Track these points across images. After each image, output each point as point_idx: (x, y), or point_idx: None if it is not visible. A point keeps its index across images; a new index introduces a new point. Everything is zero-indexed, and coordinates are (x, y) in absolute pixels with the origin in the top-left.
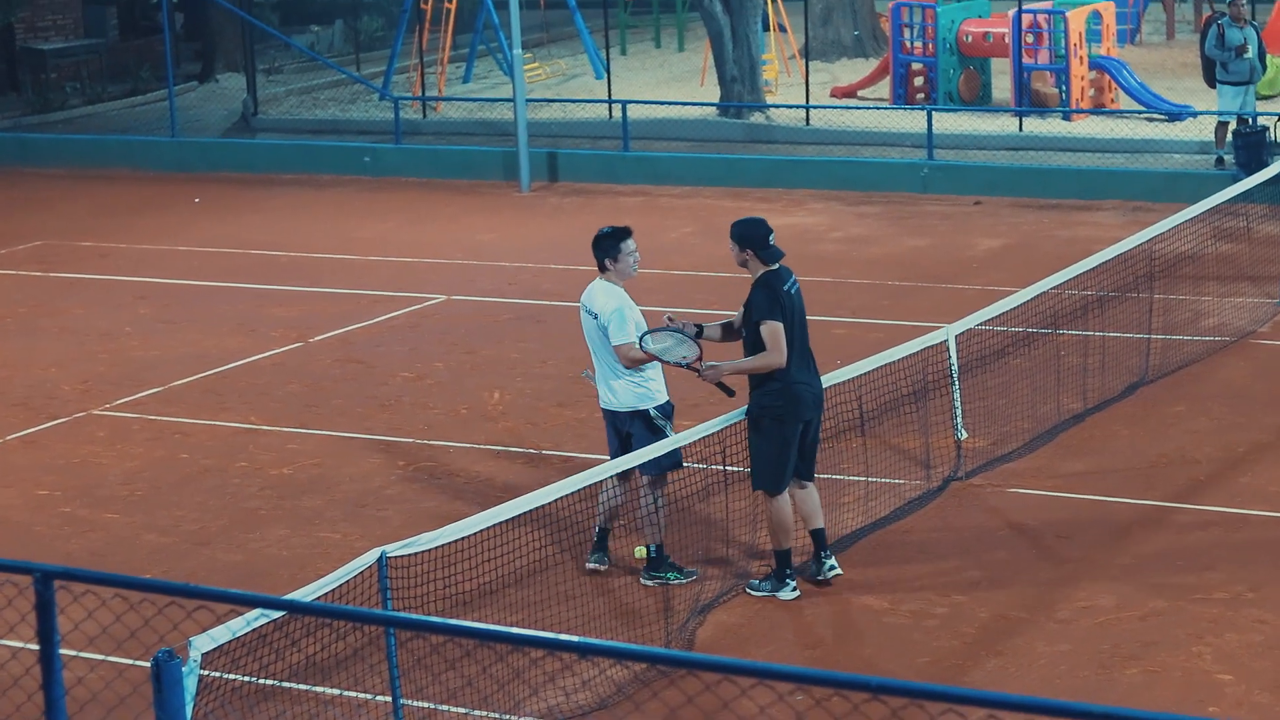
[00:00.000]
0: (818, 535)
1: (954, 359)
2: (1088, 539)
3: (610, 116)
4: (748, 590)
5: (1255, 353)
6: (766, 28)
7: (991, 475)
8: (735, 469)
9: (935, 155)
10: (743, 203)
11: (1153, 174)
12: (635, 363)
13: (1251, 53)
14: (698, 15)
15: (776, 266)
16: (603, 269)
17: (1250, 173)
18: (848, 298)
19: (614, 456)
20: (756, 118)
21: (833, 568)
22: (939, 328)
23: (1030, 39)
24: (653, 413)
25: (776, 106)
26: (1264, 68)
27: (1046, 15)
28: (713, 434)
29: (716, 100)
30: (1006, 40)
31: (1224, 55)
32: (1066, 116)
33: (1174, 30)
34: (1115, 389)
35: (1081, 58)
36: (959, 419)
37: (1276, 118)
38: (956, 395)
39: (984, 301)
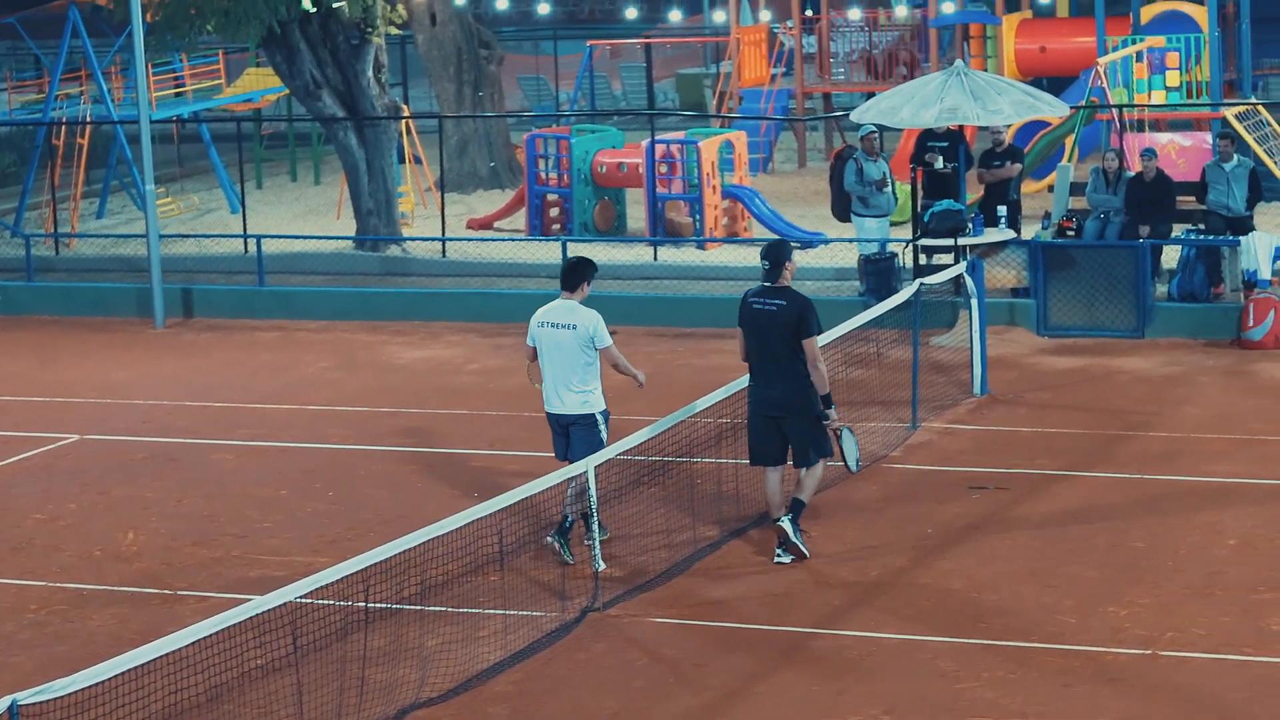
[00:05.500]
0: (794, 503)
1: (593, 490)
2: (725, 666)
3: (246, 251)
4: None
5: (887, 476)
6: (402, 160)
7: (629, 605)
8: (377, 605)
9: None
10: (379, 335)
11: None
12: (618, 365)
13: (890, 185)
14: (333, 148)
15: (761, 285)
16: (575, 290)
17: (880, 299)
18: (486, 430)
19: (561, 452)
20: (393, 250)
21: (778, 556)
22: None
23: (664, 169)
24: (599, 416)
25: (412, 240)
26: (896, 198)
27: (679, 145)
28: (356, 573)
29: (353, 234)
30: (640, 170)
31: (864, 190)
32: (701, 245)
33: (805, 159)
34: (750, 515)
35: (714, 187)
36: (597, 550)
37: (905, 244)
38: (595, 526)
39: (620, 432)
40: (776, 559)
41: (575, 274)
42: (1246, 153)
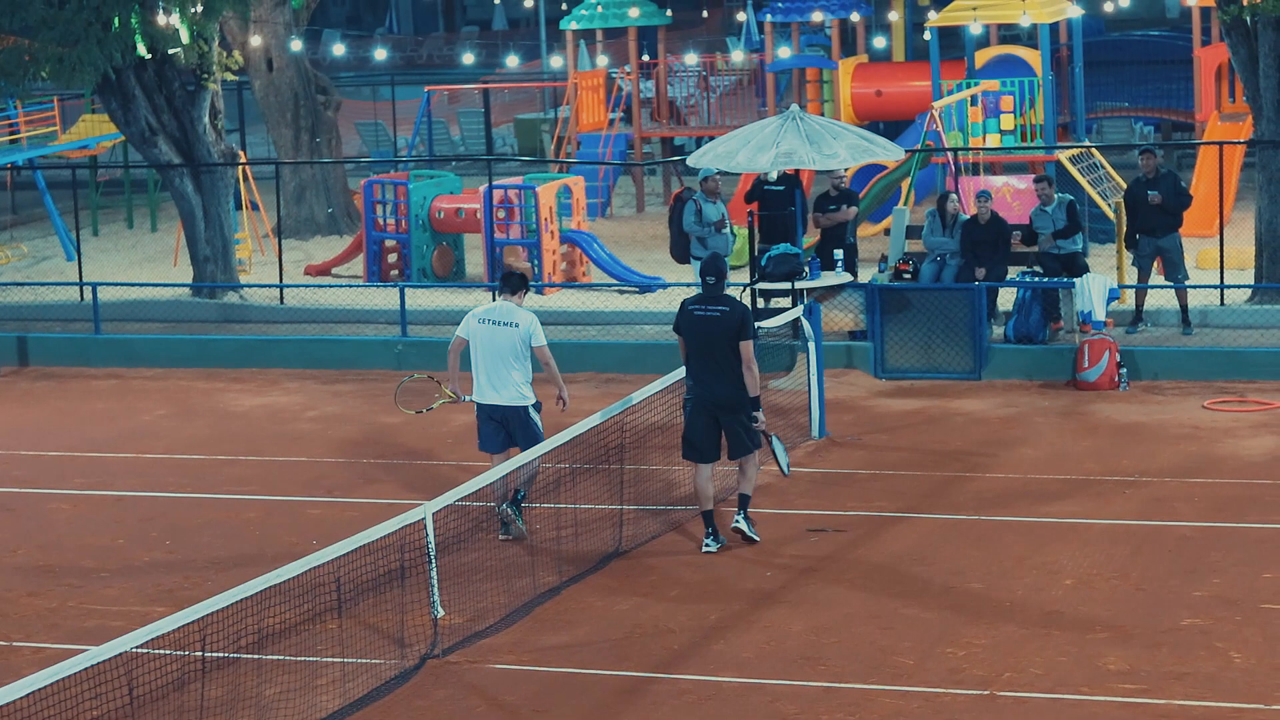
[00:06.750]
0: (741, 498)
1: (431, 537)
2: (564, 712)
3: (82, 299)
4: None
5: (726, 519)
6: (239, 206)
7: (469, 651)
8: (215, 655)
9: (409, 332)
10: (216, 383)
11: (624, 346)
12: (549, 365)
13: (728, 227)
14: (170, 195)
15: (700, 294)
16: (516, 294)
17: None
18: (324, 477)
19: (492, 440)
20: (231, 297)
21: (706, 545)
22: (415, 505)
23: (502, 214)
24: (531, 408)
25: (249, 286)
26: (734, 236)
27: (517, 190)
28: (193, 622)
29: (190, 281)
30: (478, 215)
31: (703, 230)
32: (539, 290)
33: (644, 203)
34: (590, 561)
35: (553, 232)
36: (436, 596)
37: (742, 288)
38: (433, 573)
39: (458, 477)
40: (705, 548)
41: (518, 280)
42: (1074, 189)
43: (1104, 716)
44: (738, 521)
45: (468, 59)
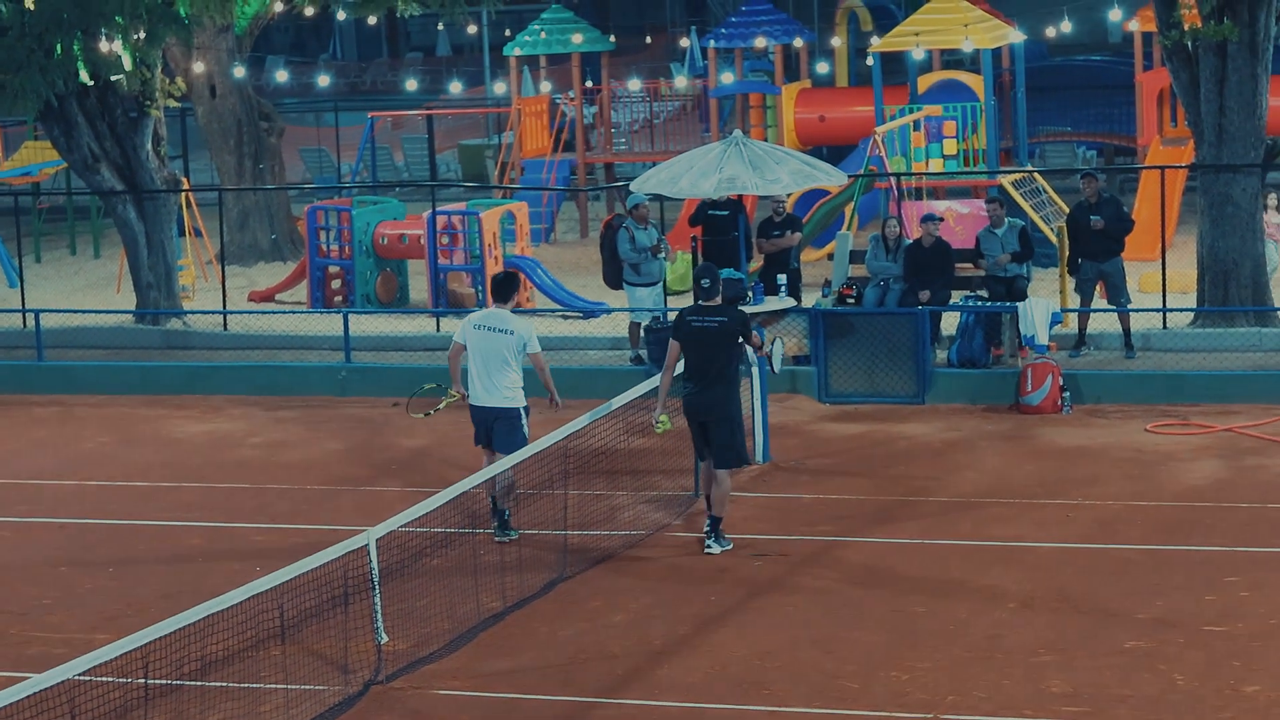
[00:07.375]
0: (712, 520)
1: (374, 563)
2: None
3: (25, 325)
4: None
5: (670, 543)
6: (182, 233)
7: (413, 677)
8: (158, 682)
9: (353, 358)
10: (159, 410)
11: (568, 371)
12: (543, 371)
13: (663, 252)
14: (113, 222)
15: (697, 304)
16: (508, 301)
17: (662, 368)
18: (268, 504)
19: (481, 440)
20: (174, 324)
21: (709, 547)
22: (360, 531)
23: (445, 240)
24: (522, 411)
25: (193, 313)
26: (671, 259)
27: (461, 216)
28: (136, 649)
29: (133, 307)
30: (422, 241)
31: (638, 257)
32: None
33: (588, 229)
34: (534, 586)
35: (496, 257)
36: (379, 622)
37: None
38: (377, 599)
39: (404, 503)
40: (707, 550)
41: (508, 286)
42: (1016, 213)
43: None
44: (709, 546)
45: (411, 85)
